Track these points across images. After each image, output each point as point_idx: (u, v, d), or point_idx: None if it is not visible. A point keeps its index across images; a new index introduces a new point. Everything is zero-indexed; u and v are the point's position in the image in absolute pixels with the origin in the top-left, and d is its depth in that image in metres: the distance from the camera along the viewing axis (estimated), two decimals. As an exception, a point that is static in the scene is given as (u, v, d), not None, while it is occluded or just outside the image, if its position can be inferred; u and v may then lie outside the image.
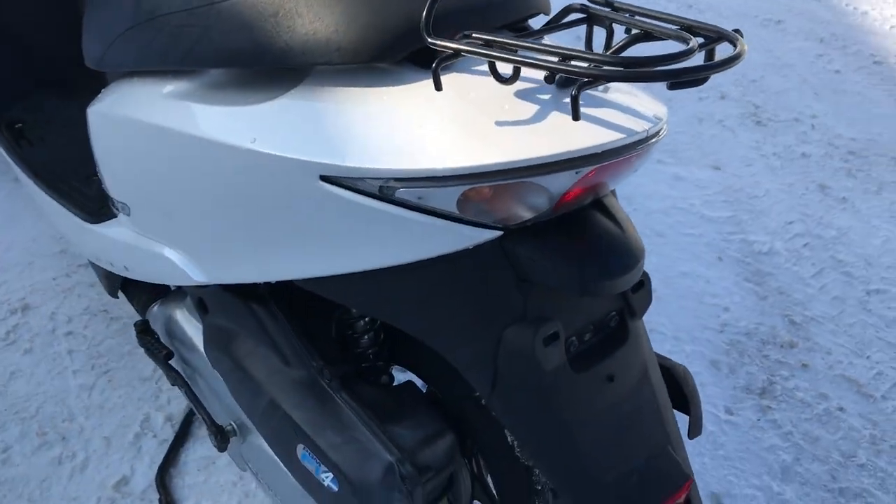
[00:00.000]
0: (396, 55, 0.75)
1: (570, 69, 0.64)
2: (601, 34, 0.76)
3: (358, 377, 0.98)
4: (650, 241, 2.12)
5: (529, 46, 0.67)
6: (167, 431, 1.50)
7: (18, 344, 1.66)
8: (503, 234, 0.74)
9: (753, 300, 1.99)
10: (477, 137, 0.70)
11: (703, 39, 0.68)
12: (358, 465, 0.90)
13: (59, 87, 1.61)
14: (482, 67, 0.75)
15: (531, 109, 0.71)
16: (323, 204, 0.76)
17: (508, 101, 0.72)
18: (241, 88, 0.83)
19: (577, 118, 0.65)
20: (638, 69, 0.62)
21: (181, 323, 1.18)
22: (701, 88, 3.06)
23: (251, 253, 0.87)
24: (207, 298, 1.03)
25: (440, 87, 0.70)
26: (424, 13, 0.68)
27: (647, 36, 0.72)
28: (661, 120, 0.74)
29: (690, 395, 0.96)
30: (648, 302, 0.89)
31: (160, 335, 1.24)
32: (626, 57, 0.63)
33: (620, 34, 0.74)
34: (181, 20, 0.82)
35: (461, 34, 0.71)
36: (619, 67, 0.62)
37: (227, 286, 0.98)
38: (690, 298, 1.95)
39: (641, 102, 0.75)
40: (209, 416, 1.17)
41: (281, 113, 0.78)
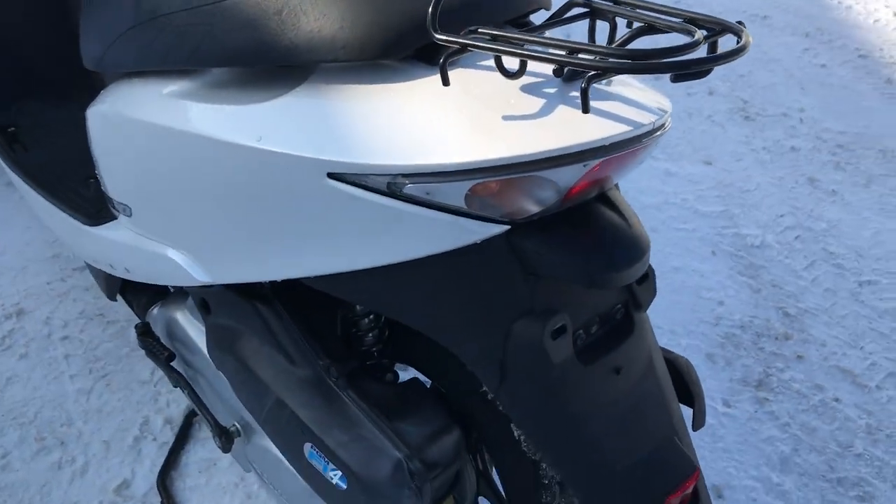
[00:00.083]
0: (402, 52, 0.75)
1: (578, 62, 0.64)
2: (601, 31, 0.77)
3: (364, 375, 0.98)
4: (643, 236, 2.13)
5: (536, 41, 0.67)
6: (167, 434, 1.49)
7: (14, 349, 1.64)
8: (510, 228, 0.75)
9: (747, 293, 2.00)
10: (485, 132, 0.70)
11: (706, 32, 0.69)
12: (366, 462, 0.89)
13: (51, 90, 1.60)
14: (487, 63, 0.75)
15: (538, 103, 0.71)
16: (330, 201, 0.76)
17: (515, 95, 0.72)
18: (244, 87, 0.83)
19: (586, 111, 0.65)
20: (646, 61, 0.62)
21: (182, 324, 1.18)
22: (689, 84, 3.07)
23: (257, 252, 0.87)
24: (210, 299, 1.03)
25: (447, 82, 0.70)
26: (430, 9, 0.68)
27: (650, 29, 0.72)
28: (665, 112, 0.74)
29: (693, 386, 0.96)
30: (653, 294, 0.89)
31: (161, 337, 1.24)
32: (633, 49, 0.63)
33: (622, 29, 0.75)
34: (184, 19, 0.82)
35: (467, 29, 0.71)
36: (626, 60, 0.62)
37: (230, 286, 0.98)
38: (685, 293, 1.96)
39: (646, 95, 0.76)
40: (213, 417, 1.16)
41: (286, 111, 0.78)
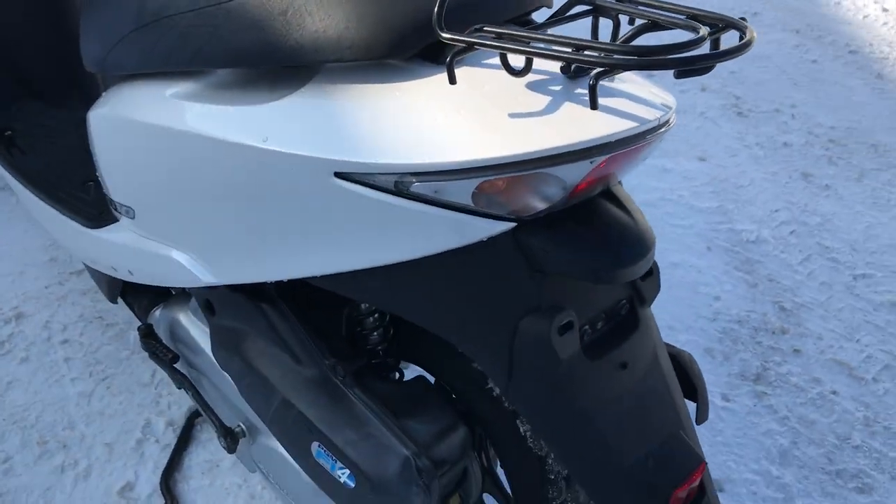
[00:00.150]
0: (408, 51, 0.75)
1: (585, 59, 0.64)
2: (604, 29, 0.77)
3: (370, 373, 0.98)
4: (640, 232, 2.14)
5: (542, 38, 0.67)
6: (169, 436, 1.49)
7: (14, 353, 1.64)
8: (516, 225, 0.75)
9: (744, 288, 2.01)
10: (492, 130, 0.70)
11: (710, 28, 0.69)
12: (374, 460, 0.90)
13: (48, 93, 1.60)
14: (492, 61, 0.75)
15: (544, 101, 0.71)
16: (337, 200, 0.76)
17: (521, 93, 0.72)
18: (249, 88, 0.83)
19: (594, 107, 0.66)
20: (652, 58, 0.63)
21: (185, 326, 1.18)
22: (682, 81, 3.08)
23: (263, 252, 0.87)
24: (215, 300, 1.03)
25: (454, 80, 0.70)
26: (436, 8, 0.69)
27: (654, 26, 0.73)
28: (670, 108, 0.75)
29: (696, 381, 0.97)
30: (657, 290, 0.90)
31: (163, 339, 1.24)
32: (639, 46, 0.63)
33: (624, 27, 0.75)
34: (188, 21, 0.82)
35: (472, 28, 0.71)
36: (633, 56, 0.63)
37: (234, 287, 0.98)
38: (683, 288, 1.97)
39: (650, 91, 0.76)
40: (217, 418, 1.16)
41: (292, 111, 0.78)
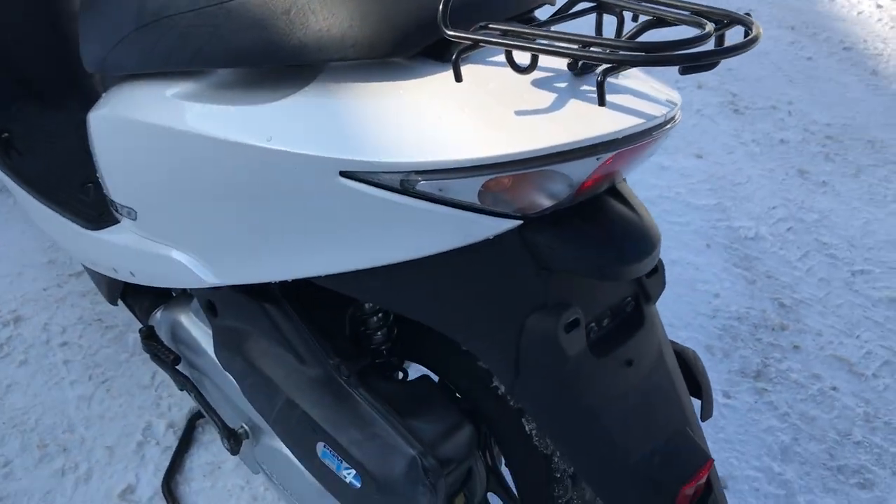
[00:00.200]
0: (412, 49, 0.75)
1: (592, 55, 0.64)
2: (607, 26, 0.77)
3: (374, 373, 0.98)
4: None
5: (548, 35, 0.67)
6: (170, 438, 1.49)
7: (13, 356, 1.63)
8: (522, 223, 0.75)
9: (743, 285, 2.01)
10: (498, 127, 0.70)
11: (714, 24, 0.69)
12: (380, 460, 0.89)
13: (44, 94, 1.59)
14: (497, 58, 0.75)
15: (550, 98, 0.71)
16: (343, 199, 0.76)
17: (527, 90, 0.72)
18: (251, 87, 0.83)
19: (602, 104, 0.65)
20: (660, 54, 0.62)
21: (187, 327, 1.17)
22: (679, 78, 3.08)
23: (267, 252, 0.87)
24: (217, 301, 1.03)
25: (460, 78, 0.70)
26: (441, 6, 0.68)
27: (659, 22, 0.72)
28: (675, 105, 0.75)
29: (701, 377, 0.97)
30: (662, 286, 0.90)
31: (165, 341, 1.23)
32: (646, 42, 0.63)
33: (627, 24, 0.75)
34: (189, 21, 0.82)
35: (477, 25, 0.71)
36: (640, 53, 0.63)
37: (237, 287, 0.98)
38: (682, 285, 1.97)
39: (655, 88, 0.76)
40: (220, 419, 1.16)
41: (296, 110, 0.77)
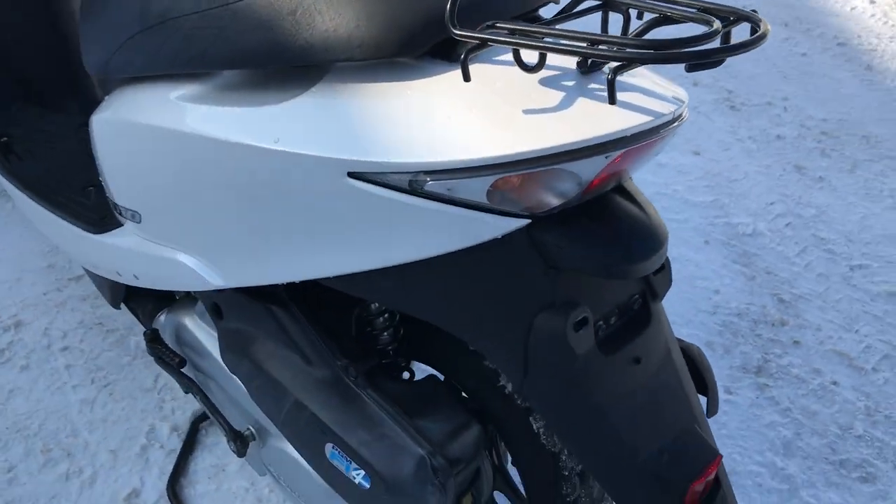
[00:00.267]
0: (419, 49, 0.75)
1: (601, 53, 0.64)
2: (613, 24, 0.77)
3: (381, 373, 0.98)
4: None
5: (556, 33, 0.67)
6: (174, 441, 1.48)
7: (14, 361, 1.62)
8: (530, 222, 0.75)
9: (742, 281, 2.02)
10: (507, 126, 0.70)
11: (721, 21, 0.69)
12: (389, 460, 0.90)
13: (45, 97, 1.58)
14: (505, 57, 0.75)
15: (558, 96, 0.71)
16: (351, 200, 0.76)
17: (535, 89, 0.72)
18: (257, 89, 0.83)
19: (613, 102, 0.65)
20: (668, 51, 0.62)
21: (192, 329, 1.17)
22: (675, 76, 3.09)
23: (274, 254, 0.87)
24: (222, 303, 1.02)
25: (469, 77, 0.70)
26: (448, 6, 0.68)
27: (665, 20, 0.73)
28: (683, 102, 0.75)
29: (706, 374, 0.97)
30: (669, 284, 0.90)
31: (169, 343, 1.23)
32: (654, 40, 0.63)
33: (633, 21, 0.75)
34: (194, 22, 0.81)
35: (485, 24, 0.71)
36: (649, 50, 0.63)
37: (242, 289, 0.98)
38: (682, 282, 1.98)
39: (662, 85, 0.76)
40: (226, 421, 1.16)
41: (303, 111, 0.77)
